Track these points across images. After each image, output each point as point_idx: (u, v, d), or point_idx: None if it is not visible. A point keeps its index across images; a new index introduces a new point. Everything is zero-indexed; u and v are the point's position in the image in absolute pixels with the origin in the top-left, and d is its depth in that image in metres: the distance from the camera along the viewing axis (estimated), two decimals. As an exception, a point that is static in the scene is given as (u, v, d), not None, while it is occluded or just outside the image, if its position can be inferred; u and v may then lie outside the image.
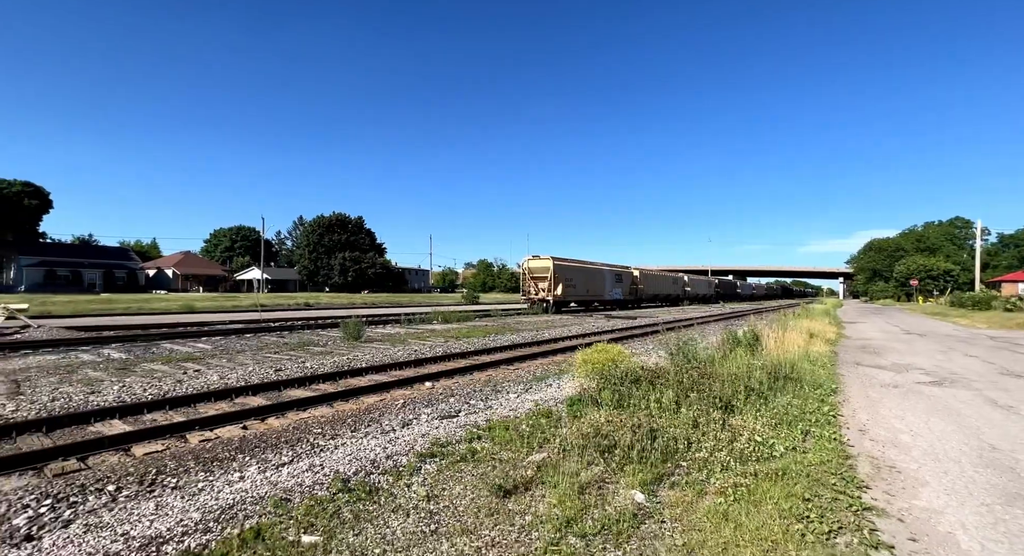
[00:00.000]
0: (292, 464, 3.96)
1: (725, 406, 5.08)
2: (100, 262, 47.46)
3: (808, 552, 2.51)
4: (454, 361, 9.94)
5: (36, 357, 9.90)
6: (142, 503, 3.23)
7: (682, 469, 3.72)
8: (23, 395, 6.45)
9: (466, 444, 4.35)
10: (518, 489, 3.37)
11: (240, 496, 3.28)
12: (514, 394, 6.68)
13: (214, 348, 11.59)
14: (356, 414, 5.74)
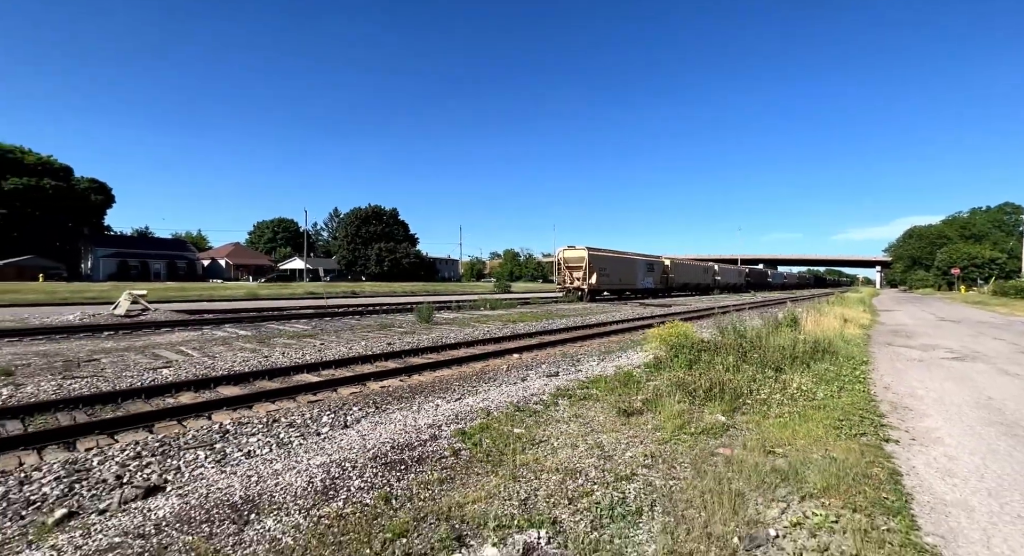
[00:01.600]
0: (465, 400, 5.63)
1: (775, 368, 6.50)
2: (163, 253, 51.56)
3: (842, 443, 3.97)
4: (524, 339, 11.55)
5: (181, 334, 12.04)
6: (392, 414, 4.94)
7: (747, 405, 5.19)
8: (212, 359, 8.40)
9: (582, 390, 5.93)
10: (634, 413, 4.92)
11: (450, 413, 4.95)
12: (593, 362, 8.25)
13: (313, 328, 13.56)
14: (477, 374, 7.41)
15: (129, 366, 7.59)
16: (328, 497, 3.00)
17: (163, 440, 4.18)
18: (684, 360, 6.70)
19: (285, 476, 3.30)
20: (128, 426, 4.55)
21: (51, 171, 42.33)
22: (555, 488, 3.13)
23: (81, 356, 8.45)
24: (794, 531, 2.60)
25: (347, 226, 65.49)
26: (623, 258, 36.25)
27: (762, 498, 2.98)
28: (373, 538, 2.50)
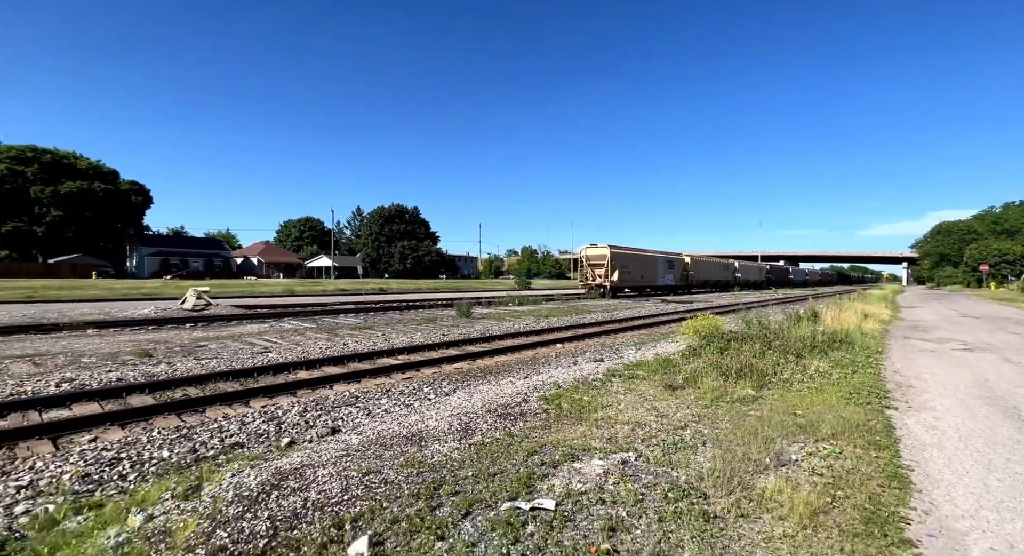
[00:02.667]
0: (532, 378, 6.78)
1: (796, 355, 7.47)
2: (201, 251, 54.36)
3: (850, 408, 4.98)
4: (562, 332, 12.66)
5: (252, 326, 13.49)
6: (479, 386, 6.12)
7: (773, 383, 6.21)
8: (298, 346, 9.73)
9: (628, 371, 7.02)
10: (678, 388, 6.00)
11: (527, 386, 6.10)
12: (632, 350, 9.31)
13: (365, 322, 14.90)
14: (531, 360, 8.55)
15: (236, 351, 8.97)
16: (468, 434, 4.18)
17: (314, 401, 5.44)
18: (716, 348, 7.72)
19: (427, 422, 4.50)
20: (280, 392, 5.83)
21: (100, 175, 45.12)
22: (629, 433, 4.25)
23: (188, 343, 9.89)
24: (809, 457, 3.67)
25: (371, 225, 67.51)
26: (644, 256, 36.99)
27: (786, 440, 4.04)
28: (513, 454, 3.66)
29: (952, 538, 2.58)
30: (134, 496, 3.09)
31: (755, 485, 3.15)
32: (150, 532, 2.59)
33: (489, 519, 2.71)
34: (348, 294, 32.66)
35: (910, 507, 2.90)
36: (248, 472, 3.33)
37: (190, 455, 3.88)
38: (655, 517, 2.74)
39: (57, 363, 7.52)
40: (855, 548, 2.42)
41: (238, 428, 4.50)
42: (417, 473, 3.33)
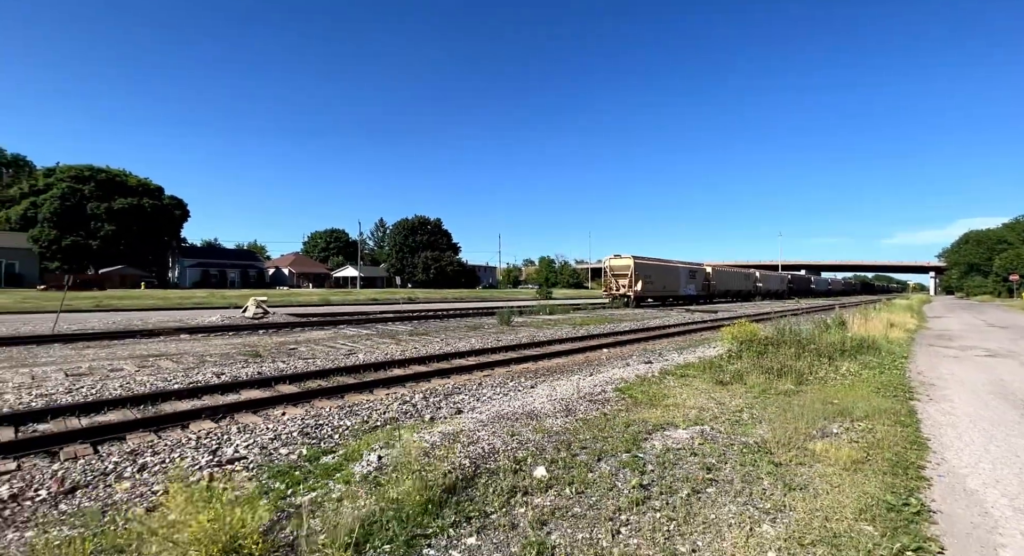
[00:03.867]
0: (596, 375, 7.88)
1: (828, 358, 8.42)
2: (237, 263, 57.13)
3: (879, 399, 5.96)
4: (603, 338, 13.69)
5: (318, 332, 14.88)
6: (557, 381, 7.26)
7: (810, 381, 7.19)
8: (377, 349, 11.00)
9: (679, 370, 8.07)
10: (727, 383, 7.03)
11: (598, 380, 7.20)
12: (674, 355, 10.33)
13: (417, 328, 16.17)
14: (586, 362, 9.64)
15: (327, 352, 10.29)
16: (570, 413, 5.32)
17: (428, 391, 6.65)
18: (754, 351, 8.71)
19: (534, 405, 5.65)
20: (393, 385, 7.06)
21: (148, 191, 48.18)
22: (697, 414, 5.33)
23: (277, 346, 11.26)
24: (847, 431, 4.69)
25: (395, 236, 69.72)
26: (667, 266, 37.77)
27: (827, 420, 5.07)
28: (614, 426, 4.78)
29: (956, 477, 3.61)
30: (351, 446, 4.31)
31: (807, 446, 4.21)
32: (387, 463, 3.79)
33: (619, 460, 3.84)
34: (380, 304, 34.16)
35: (926, 460, 3.93)
36: (423, 434, 4.53)
37: (364, 424, 5.11)
38: (737, 462, 3.83)
39: (191, 362, 8.92)
40: (885, 481, 3.48)
41: (384, 408, 5.72)
42: (548, 436, 4.48)
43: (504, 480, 3.44)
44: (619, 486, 3.41)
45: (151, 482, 3.63)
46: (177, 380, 7.09)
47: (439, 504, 3.04)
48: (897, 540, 2.62)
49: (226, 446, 4.34)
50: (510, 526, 2.85)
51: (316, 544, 2.60)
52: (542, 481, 3.47)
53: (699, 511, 3.03)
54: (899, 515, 2.94)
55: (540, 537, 2.71)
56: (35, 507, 3.22)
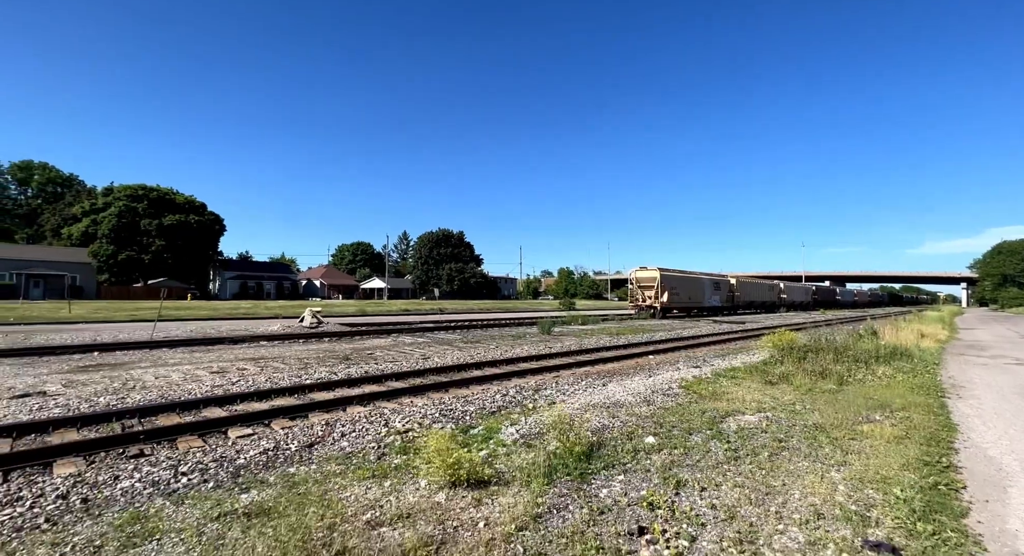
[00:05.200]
0: (655, 377, 8.94)
1: (864, 363, 9.33)
2: (273, 275, 59.88)
3: (914, 396, 6.90)
4: (644, 347, 14.69)
5: (378, 340, 16.24)
6: (625, 380, 8.36)
7: (849, 382, 8.13)
8: (445, 354, 12.24)
9: (728, 373, 9.07)
10: (775, 383, 8.03)
11: (660, 380, 8.28)
12: (718, 360, 11.31)
13: (467, 337, 17.42)
14: (639, 366, 10.69)
15: (404, 357, 11.58)
16: (649, 402, 6.43)
17: (515, 387, 7.82)
18: (795, 357, 9.67)
19: (615, 397, 6.78)
20: (482, 382, 8.26)
21: (194, 208, 51.30)
22: (757, 405, 6.38)
23: (352, 351, 12.62)
24: (888, 418, 5.69)
25: (420, 248, 71.83)
26: (691, 277, 38.46)
27: (869, 410, 6.06)
28: (691, 412, 5.87)
29: (978, 448, 4.61)
30: (486, 424, 5.50)
31: (855, 428, 5.24)
32: (524, 433, 4.96)
33: (706, 434, 4.95)
34: (412, 314, 35.62)
35: (954, 438, 4.93)
36: (535, 417, 5.70)
37: (482, 410, 6.31)
38: (800, 436, 4.90)
39: (296, 363, 10.30)
40: (921, 449, 4.50)
41: (489, 399, 6.92)
42: (640, 418, 5.62)
43: (625, 444, 4.60)
44: (713, 450, 4.52)
45: (357, 442, 4.88)
46: (303, 376, 8.44)
47: (587, 457, 4.21)
48: (931, 478, 3.68)
49: (392, 421, 5.60)
50: (644, 470, 4.00)
51: (518, 472, 3.80)
52: (654, 445, 4.61)
53: (780, 464, 4.12)
54: (932, 468, 3.99)
55: (670, 475, 3.85)
56: (296, 454, 4.50)
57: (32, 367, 9.38)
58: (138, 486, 3.74)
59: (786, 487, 3.65)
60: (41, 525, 3.13)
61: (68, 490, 3.60)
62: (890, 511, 3.21)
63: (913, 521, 3.05)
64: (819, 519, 3.11)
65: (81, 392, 6.92)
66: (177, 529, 3.06)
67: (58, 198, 61.21)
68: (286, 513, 3.25)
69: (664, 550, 2.72)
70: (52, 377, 8.16)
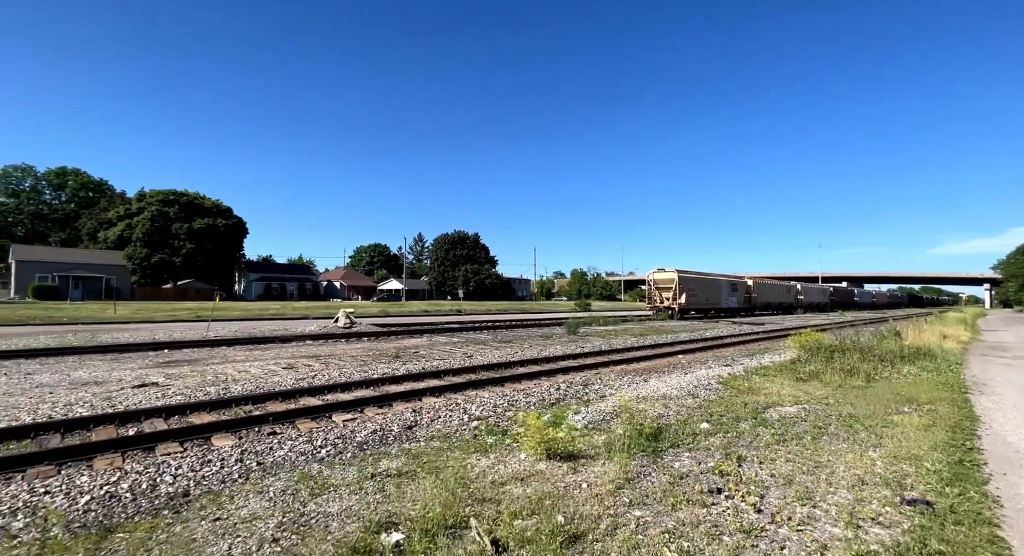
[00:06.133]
0: (690, 374, 9.60)
1: (890, 362, 9.87)
2: (295, 277, 61.59)
3: (939, 391, 7.47)
4: (671, 347, 15.30)
5: (415, 340, 17.09)
6: (664, 377, 9.05)
7: (876, 380, 8.70)
8: (487, 354, 13.02)
9: (760, 370, 9.69)
10: (805, 380, 8.64)
11: (699, 376, 8.94)
12: (746, 359, 11.90)
13: (498, 336, 18.20)
14: (671, 365, 11.34)
15: (448, 355, 12.38)
16: (694, 396, 7.12)
17: (565, 382, 8.55)
18: (822, 356, 10.24)
19: (661, 390, 7.48)
20: (532, 378, 9.01)
21: (221, 212, 53.18)
22: (793, 399, 7.02)
23: (397, 350, 13.46)
24: (916, 411, 6.30)
25: (436, 250, 73.00)
26: (709, 279, 38.77)
27: (897, 403, 6.67)
28: (734, 403, 6.55)
29: (999, 435, 5.22)
30: (552, 412, 6.25)
31: (887, 418, 5.87)
32: (590, 420, 5.69)
33: (751, 422, 5.64)
34: (433, 315, 36.55)
35: (977, 426, 5.54)
36: (594, 406, 6.43)
37: (543, 401, 7.06)
38: (837, 424, 5.55)
39: (351, 360, 11.17)
40: (947, 434, 5.13)
41: (544, 393, 7.67)
42: (689, 409, 6.31)
43: (683, 429, 5.31)
44: (761, 434, 5.21)
45: (448, 426, 5.66)
46: (369, 371, 9.29)
47: (654, 438, 4.93)
48: (956, 456, 4.34)
49: (469, 409, 6.38)
50: (706, 449, 4.71)
51: (598, 450, 4.54)
52: (708, 430, 5.32)
53: (822, 446, 4.80)
54: (957, 449, 4.63)
55: (730, 452, 4.55)
56: (400, 435, 5.30)
57: (119, 362, 10.39)
58: (291, 455, 4.57)
59: (831, 462, 4.33)
60: (237, 479, 3.97)
61: (240, 456, 4.44)
62: (922, 479, 3.88)
63: (942, 486, 3.72)
64: (863, 484, 3.79)
65: (186, 383, 7.85)
66: (344, 484, 3.86)
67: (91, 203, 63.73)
68: (423, 475, 4.04)
69: (741, 502, 3.43)
70: (149, 371, 9.13)
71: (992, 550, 2.77)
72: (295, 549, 2.84)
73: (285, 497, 3.62)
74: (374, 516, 3.23)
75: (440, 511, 3.17)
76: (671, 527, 3.05)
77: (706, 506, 3.39)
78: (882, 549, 2.75)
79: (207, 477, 4.00)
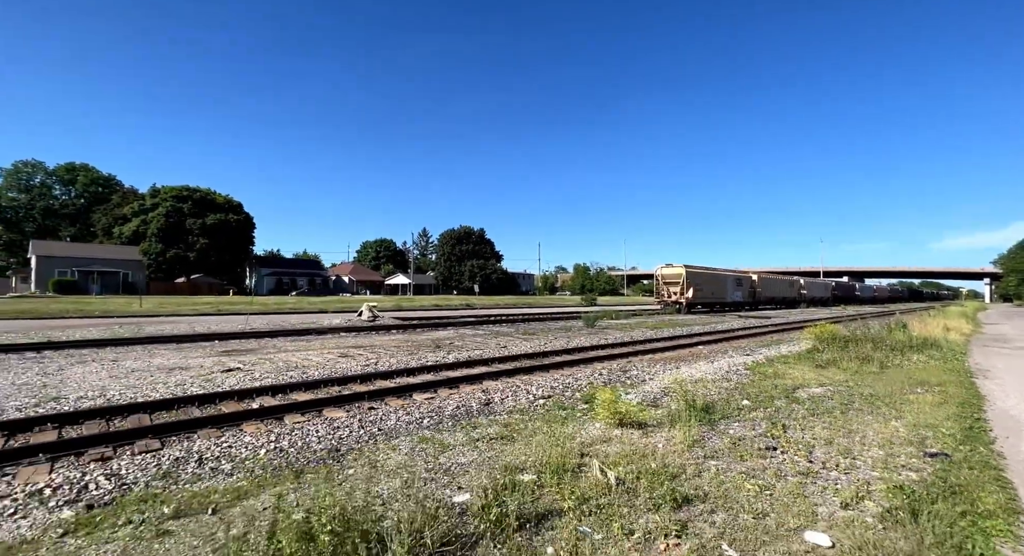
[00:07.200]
0: (715, 362, 10.39)
1: (900, 352, 10.67)
2: (305, 272, 62.40)
3: (947, 375, 8.28)
4: (687, 339, 16.07)
5: (443, 332, 17.88)
6: (694, 364, 9.85)
7: (888, 367, 9.49)
8: (517, 346, 13.82)
9: (780, 359, 10.48)
10: (824, 367, 9.44)
11: (724, 364, 9.74)
12: (764, 349, 12.70)
13: (517, 330, 18.99)
14: (693, 355, 12.13)
15: (482, 345, 13.17)
16: (727, 379, 7.92)
17: (604, 369, 9.34)
18: (837, 346, 11.04)
19: (697, 375, 8.27)
20: (569, 366, 9.80)
21: (232, 207, 53.88)
22: (816, 382, 7.82)
23: (433, 342, 14.26)
24: (927, 391, 7.10)
25: (443, 245, 73.71)
26: (715, 274, 39.55)
27: (910, 385, 7.47)
28: (765, 385, 7.34)
29: (1002, 409, 6.02)
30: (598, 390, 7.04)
31: (903, 397, 6.67)
32: (643, 397, 6.49)
33: (784, 401, 6.43)
34: (445, 309, 37.27)
35: (982, 403, 6.34)
36: (642, 387, 7.23)
37: (591, 385, 7.84)
38: (861, 401, 6.35)
39: (396, 350, 11.97)
40: (957, 409, 5.93)
41: (588, 377, 8.46)
42: (727, 390, 7.11)
43: (728, 405, 6.11)
44: (796, 409, 6.00)
45: (519, 403, 6.45)
46: (423, 359, 10.08)
47: (707, 410, 5.72)
48: (966, 423, 5.14)
49: (530, 390, 7.18)
50: (752, 420, 5.50)
51: (661, 420, 5.34)
52: (749, 406, 6.12)
53: (851, 417, 5.60)
54: (967, 419, 5.43)
55: (775, 421, 5.34)
56: (480, 410, 6.09)
57: (184, 351, 11.18)
58: (399, 424, 5.36)
59: (861, 429, 5.13)
60: (368, 441, 4.77)
61: (359, 425, 5.23)
62: (939, 440, 4.68)
63: (956, 445, 4.52)
64: (891, 444, 4.59)
65: (264, 369, 8.64)
66: (460, 444, 4.66)
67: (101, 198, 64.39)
68: (519, 439, 4.83)
69: (794, 456, 4.23)
70: (217, 358, 9.92)
71: (998, 485, 3.57)
72: (455, 482, 3.64)
73: (417, 453, 4.42)
74: (502, 463, 4.02)
75: (556, 460, 3.96)
76: (744, 470, 3.85)
77: (766, 458, 4.19)
78: (914, 483, 3.55)
79: (343, 439, 4.80)
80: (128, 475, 3.68)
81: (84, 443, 4.28)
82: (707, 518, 3.05)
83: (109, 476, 3.62)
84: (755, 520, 3.02)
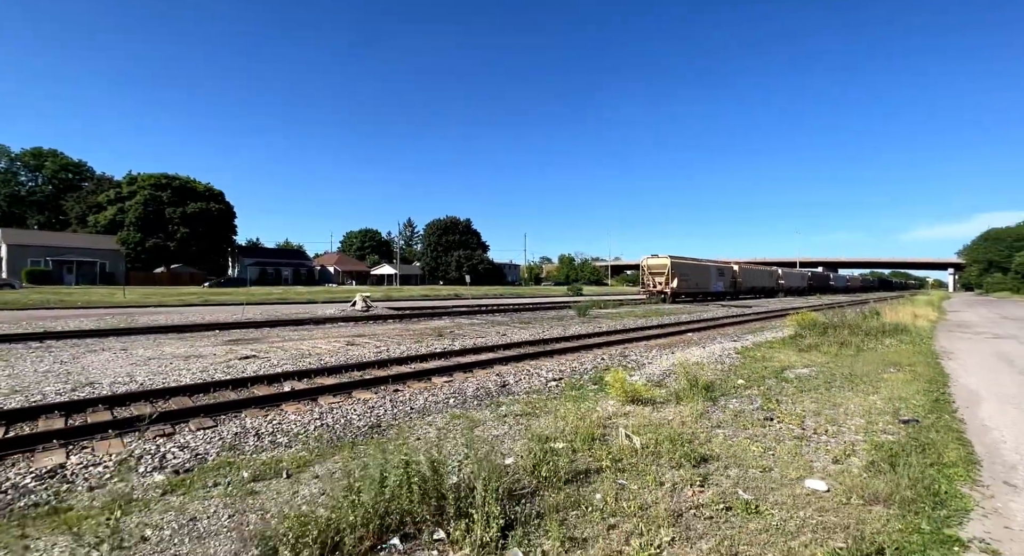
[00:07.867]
0: (707, 348, 11.06)
1: (874, 336, 11.53)
2: (290, 262, 61.43)
3: (917, 357, 9.09)
4: (676, 327, 16.80)
5: (439, 321, 18.21)
6: (687, 349, 10.48)
7: (864, 350, 10.29)
8: (518, 333, 14.29)
9: (765, 344, 11.22)
10: (806, 351, 10.18)
11: (715, 350, 10.40)
12: (750, 336, 13.47)
13: (513, 320, 19.47)
14: (685, 341, 12.81)
15: (483, 333, 13.60)
16: (721, 362, 8.55)
17: (604, 355, 9.89)
18: (817, 332, 11.84)
19: (692, 358, 8.88)
20: (573, 351, 10.32)
21: (213, 196, 52.50)
22: (800, 363, 8.51)
23: (435, 330, 14.62)
24: (899, 370, 7.85)
25: (428, 236, 73.42)
26: (699, 265, 40.71)
27: (884, 366, 8.22)
28: (756, 367, 7.99)
29: (963, 385, 6.78)
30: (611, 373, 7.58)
31: (878, 375, 7.39)
32: (647, 378, 7.04)
33: (775, 380, 7.07)
34: (434, 299, 37.46)
35: (947, 381, 7.10)
36: (645, 369, 7.79)
37: (596, 368, 8.37)
38: (842, 380, 7.03)
39: (400, 340, 12.30)
40: (925, 385, 6.65)
41: (592, 362, 8.99)
42: (722, 372, 7.73)
43: (725, 384, 6.71)
44: (785, 387, 6.63)
45: (533, 385, 6.91)
46: (432, 346, 10.45)
47: (708, 389, 6.29)
48: (933, 396, 5.84)
49: (541, 374, 7.65)
50: (749, 397, 6.10)
51: (666, 397, 5.89)
52: (744, 385, 6.73)
53: (834, 393, 6.25)
54: (933, 393, 6.14)
55: (769, 396, 5.94)
56: (498, 391, 6.54)
57: (190, 341, 11.29)
58: (427, 404, 5.77)
59: (844, 402, 5.77)
60: (403, 418, 5.18)
61: (389, 405, 5.62)
62: (910, 410, 5.34)
63: (925, 413, 5.18)
64: (870, 413, 5.23)
65: (279, 356, 8.90)
66: (489, 420, 5.11)
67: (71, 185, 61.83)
68: (542, 415, 5.31)
69: (789, 424, 4.81)
70: (225, 347, 10.10)
71: (959, 443, 4.21)
72: (497, 450, 4.09)
73: (452, 427, 4.85)
74: (532, 435, 4.48)
75: (584, 430, 4.44)
76: (748, 436, 4.41)
77: (765, 427, 4.76)
78: (891, 443, 4.16)
79: (380, 416, 5.20)
80: (198, 447, 4.01)
81: (141, 421, 4.57)
82: (723, 472, 3.57)
83: (182, 448, 3.95)
84: (762, 473, 3.56)
